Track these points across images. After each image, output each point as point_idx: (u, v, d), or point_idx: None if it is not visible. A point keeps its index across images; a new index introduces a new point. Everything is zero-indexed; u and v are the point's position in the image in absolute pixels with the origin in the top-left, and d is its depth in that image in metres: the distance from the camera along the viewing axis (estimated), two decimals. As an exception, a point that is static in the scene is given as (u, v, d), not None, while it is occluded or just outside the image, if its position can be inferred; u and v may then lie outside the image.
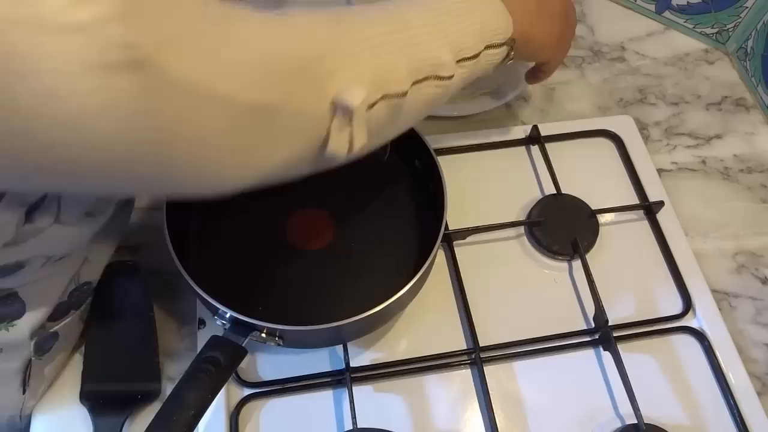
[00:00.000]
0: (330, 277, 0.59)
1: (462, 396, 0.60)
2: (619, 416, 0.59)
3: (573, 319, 0.64)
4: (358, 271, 0.60)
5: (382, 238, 0.62)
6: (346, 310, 0.51)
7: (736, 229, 0.71)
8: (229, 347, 0.51)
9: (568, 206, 0.69)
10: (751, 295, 0.67)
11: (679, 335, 0.63)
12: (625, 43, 0.85)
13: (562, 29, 0.59)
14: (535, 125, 0.73)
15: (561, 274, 0.67)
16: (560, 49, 0.61)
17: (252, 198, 0.40)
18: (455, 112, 0.74)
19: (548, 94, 0.80)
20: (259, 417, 0.58)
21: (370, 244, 0.61)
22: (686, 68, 0.83)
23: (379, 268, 0.60)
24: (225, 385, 0.51)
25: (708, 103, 0.80)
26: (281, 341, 0.53)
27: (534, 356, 0.61)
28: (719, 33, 0.84)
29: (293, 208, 0.62)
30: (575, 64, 0.83)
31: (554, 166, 0.71)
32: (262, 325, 0.51)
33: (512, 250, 0.68)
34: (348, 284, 0.59)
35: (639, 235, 0.69)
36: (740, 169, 0.75)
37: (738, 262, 0.69)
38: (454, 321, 0.63)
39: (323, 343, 0.60)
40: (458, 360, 0.61)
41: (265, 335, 0.52)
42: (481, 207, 0.68)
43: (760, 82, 0.79)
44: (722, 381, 0.60)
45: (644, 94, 0.81)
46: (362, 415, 0.56)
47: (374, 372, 0.59)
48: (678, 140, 0.77)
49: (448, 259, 0.66)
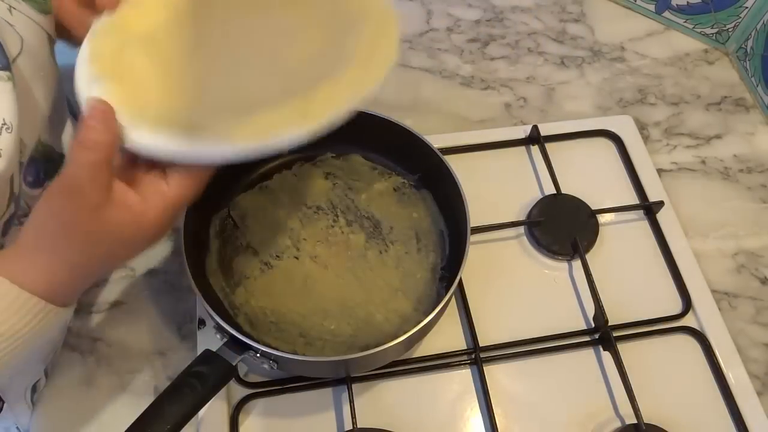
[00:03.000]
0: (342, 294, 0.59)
1: (462, 396, 0.60)
2: (619, 416, 0.59)
3: (573, 319, 0.64)
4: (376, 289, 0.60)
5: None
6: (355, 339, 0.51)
7: (736, 229, 0.71)
8: (220, 365, 0.50)
9: (568, 206, 0.69)
10: (750, 295, 0.67)
11: (679, 335, 0.63)
12: (624, 43, 0.85)
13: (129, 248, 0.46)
14: (535, 125, 0.73)
15: (561, 274, 0.67)
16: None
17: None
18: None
19: (548, 94, 0.80)
20: (259, 417, 0.58)
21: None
22: (686, 68, 0.83)
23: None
24: (225, 386, 0.51)
25: (708, 103, 0.80)
26: (275, 365, 0.52)
27: (534, 356, 0.61)
28: (719, 33, 0.84)
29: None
30: (575, 64, 0.83)
31: (554, 166, 0.71)
32: (257, 348, 0.51)
33: (512, 250, 0.68)
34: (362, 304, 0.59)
35: (639, 235, 0.69)
36: (740, 169, 0.75)
37: (738, 262, 0.69)
38: (454, 321, 0.63)
39: (321, 374, 0.59)
40: (458, 360, 0.61)
41: (259, 357, 0.52)
42: (481, 207, 0.67)
43: (760, 82, 0.79)
44: (722, 381, 0.60)
45: (644, 94, 0.81)
46: (362, 415, 0.56)
47: (374, 372, 0.59)
48: (678, 140, 0.77)
49: (448, 259, 0.66)
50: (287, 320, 0.57)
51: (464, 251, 0.55)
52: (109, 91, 0.44)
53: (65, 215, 0.41)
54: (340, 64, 0.45)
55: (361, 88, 0.43)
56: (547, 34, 0.86)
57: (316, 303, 0.58)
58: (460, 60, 0.83)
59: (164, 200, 0.44)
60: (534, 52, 0.84)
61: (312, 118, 0.41)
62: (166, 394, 0.47)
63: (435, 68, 0.82)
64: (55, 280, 0.41)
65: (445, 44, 0.84)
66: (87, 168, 0.40)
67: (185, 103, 0.45)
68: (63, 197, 0.41)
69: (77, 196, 0.41)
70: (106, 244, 0.43)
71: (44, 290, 0.40)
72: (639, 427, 0.56)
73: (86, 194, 0.41)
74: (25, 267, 0.40)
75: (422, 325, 0.52)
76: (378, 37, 0.46)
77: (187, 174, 0.44)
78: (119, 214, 0.42)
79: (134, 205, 0.43)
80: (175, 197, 0.44)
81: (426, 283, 0.60)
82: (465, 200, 0.57)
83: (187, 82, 0.47)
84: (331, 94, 0.42)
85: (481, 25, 0.86)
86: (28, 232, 0.41)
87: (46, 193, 0.42)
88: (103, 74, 0.45)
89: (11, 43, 0.48)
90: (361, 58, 0.45)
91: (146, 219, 0.43)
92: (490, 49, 0.84)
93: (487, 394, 0.58)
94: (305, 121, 0.41)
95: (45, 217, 0.41)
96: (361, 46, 0.46)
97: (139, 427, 0.46)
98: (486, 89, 0.80)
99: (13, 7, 0.50)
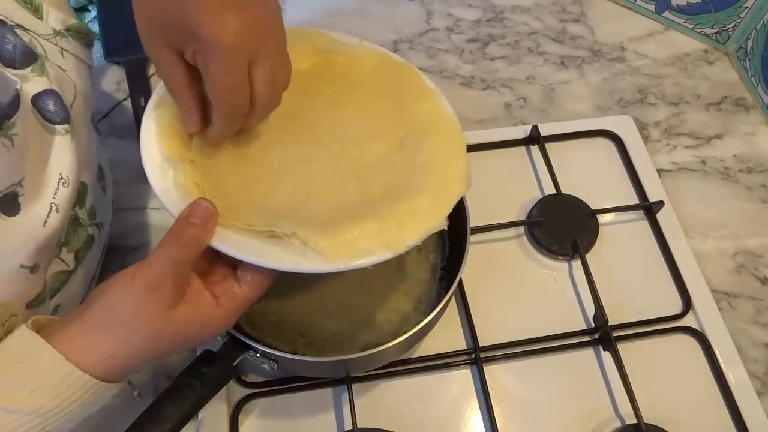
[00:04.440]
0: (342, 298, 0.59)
1: (462, 396, 0.60)
2: (619, 416, 0.59)
3: (573, 319, 0.64)
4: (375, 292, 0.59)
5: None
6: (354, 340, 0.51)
7: (736, 229, 0.71)
8: (220, 365, 0.50)
9: (568, 206, 0.69)
10: (750, 295, 0.67)
11: (679, 335, 0.63)
12: (624, 43, 0.85)
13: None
14: (535, 125, 0.73)
15: (561, 274, 0.67)
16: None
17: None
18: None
19: (548, 94, 0.80)
20: (259, 417, 0.58)
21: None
22: (686, 68, 0.83)
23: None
24: (225, 386, 0.51)
25: (708, 103, 0.80)
26: (275, 365, 0.53)
27: (534, 356, 0.61)
28: (719, 33, 0.84)
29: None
30: (575, 64, 0.83)
31: (554, 166, 0.71)
32: (257, 348, 0.51)
33: (512, 250, 0.68)
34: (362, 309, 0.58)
35: (639, 235, 0.69)
36: (740, 169, 0.75)
37: (738, 262, 0.69)
38: (454, 321, 0.63)
39: (321, 374, 0.59)
40: (458, 360, 0.61)
41: (259, 357, 0.52)
42: (481, 207, 0.67)
43: (760, 82, 0.79)
44: (722, 381, 0.60)
45: (644, 94, 0.81)
46: (362, 415, 0.56)
47: (374, 372, 0.59)
48: (678, 140, 0.77)
49: (448, 259, 0.66)
50: (287, 320, 0.57)
51: (464, 251, 0.55)
52: (193, 178, 0.44)
53: (138, 309, 0.40)
54: (415, 179, 0.46)
55: (438, 217, 0.45)
56: (547, 34, 0.86)
57: (316, 303, 0.58)
58: (460, 60, 0.83)
59: (235, 301, 0.43)
60: (534, 52, 0.84)
61: (395, 249, 0.43)
62: (166, 394, 0.47)
63: (435, 68, 0.82)
64: (113, 364, 0.40)
65: (445, 44, 0.84)
66: (175, 263, 0.40)
67: (263, 200, 0.45)
68: (141, 290, 0.40)
69: (158, 292, 0.40)
70: (171, 343, 0.42)
71: (100, 371, 0.40)
72: (639, 427, 0.56)
73: (166, 291, 0.40)
74: (85, 347, 0.40)
75: (422, 325, 0.52)
76: (449, 156, 0.48)
77: (259, 276, 0.44)
78: (191, 315, 0.42)
79: (206, 306, 0.42)
80: (245, 298, 0.44)
81: (426, 283, 0.60)
82: (465, 200, 0.57)
83: (260, 176, 0.47)
84: (411, 224, 0.44)
85: (481, 25, 0.86)
86: (96, 311, 0.40)
87: (125, 275, 0.41)
88: (179, 156, 0.45)
89: (68, 91, 0.49)
90: (436, 185, 0.46)
91: (215, 320, 0.43)
92: (490, 49, 0.84)
93: (487, 394, 0.58)
94: (389, 249, 0.42)
95: (117, 301, 0.41)
96: (434, 168, 0.47)
97: (139, 427, 0.46)
98: (486, 89, 0.80)
99: (65, 49, 0.50)
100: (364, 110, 0.51)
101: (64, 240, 0.50)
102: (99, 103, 0.75)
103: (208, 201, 0.42)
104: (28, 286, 0.45)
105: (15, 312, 0.44)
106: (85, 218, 0.53)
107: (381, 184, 0.47)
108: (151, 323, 0.40)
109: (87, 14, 0.82)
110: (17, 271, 0.43)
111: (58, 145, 0.46)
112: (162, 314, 0.40)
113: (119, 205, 0.66)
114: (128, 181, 0.69)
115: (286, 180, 0.47)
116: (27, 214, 0.44)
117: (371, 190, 0.46)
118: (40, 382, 0.38)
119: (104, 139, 0.73)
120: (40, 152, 0.45)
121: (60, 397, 0.38)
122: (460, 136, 0.49)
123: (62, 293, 0.50)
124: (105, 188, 0.60)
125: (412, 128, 0.50)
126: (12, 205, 0.43)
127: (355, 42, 0.53)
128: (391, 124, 0.50)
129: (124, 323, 0.40)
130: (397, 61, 0.53)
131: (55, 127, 0.46)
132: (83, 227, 0.52)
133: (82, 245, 0.52)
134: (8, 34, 0.44)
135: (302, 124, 0.49)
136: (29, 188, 0.44)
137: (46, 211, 0.45)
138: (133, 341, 0.40)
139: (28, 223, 0.44)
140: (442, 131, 0.49)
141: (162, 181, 0.44)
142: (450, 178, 0.47)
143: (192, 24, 0.39)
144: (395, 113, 0.50)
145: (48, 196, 0.45)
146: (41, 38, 0.48)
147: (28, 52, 0.45)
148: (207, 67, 0.41)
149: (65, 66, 0.49)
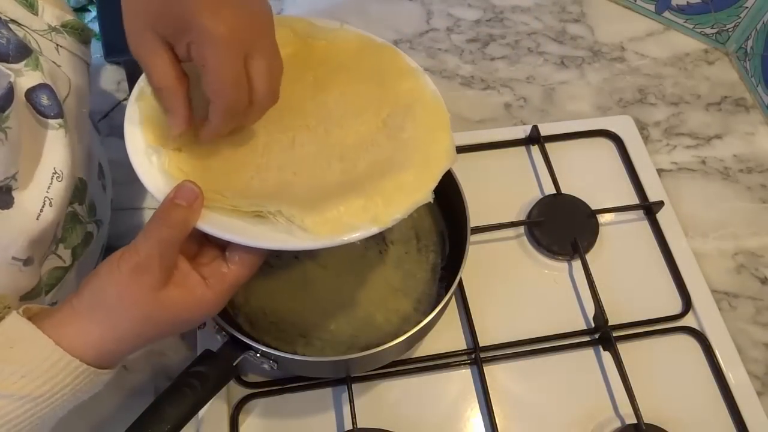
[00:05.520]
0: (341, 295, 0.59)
1: (462, 396, 0.60)
2: (619, 416, 0.59)
3: (573, 319, 0.64)
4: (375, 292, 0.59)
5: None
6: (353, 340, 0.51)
7: (736, 229, 0.71)
8: (220, 365, 0.50)
9: (568, 206, 0.69)
10: (750, 295, 0.67)
11: (679, 335, 0.63)
12: (624, 43, 0.85)
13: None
14: (535, 125, 0.73)
15: (561, 274, 0.67)
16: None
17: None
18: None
19: (548, 94, 0.80)
20: (259, 417, 0.58)
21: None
22: (686, 68, 0.83)
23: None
24: (225, 386, 0.51)
25: (708, 103, 0.80)
26: (275, 365, 0.53)
27: (534, 356, 0.61)
28: (719, 33, 0.84)
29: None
30: (575, 64, 0.83)
31: (554, 166, 0.71)
32: (257, 347, 0.51)
33: (512, 250, 0.68)
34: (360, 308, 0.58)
35: (639, 235, 0.69)
36: (740, 169, 0.75)
37: (738, 262, 0.69)
38: (454, 321, 0.63)
39: (321, 374, 0.59)
40: (458, 360, 0.61)
41: (259, 357, 0.52)
42: (481, 207, 0.67)
43: (760, 82, 0.79)
44: (722, 381, 0.60)
45: (644, 94, 0.81)
46: (362, 415, 0.56)
47: (374, 372, 0.59)
48: (678, 140, 0.77)
49: (448, 259, 0.66)
50: (287, 320, 0.57)
51: (464, 251, 0.55)
52: (177, 163, 0.44)
53: (126, 292, 0.40)
54: (400, 156, 0.46)
55: (423, 191, 0.44)
56: (547, 34, 0.86)
57: (316, 303, 0.58)
58: (460, 60, 0.83)
59: (224, 282, 0.43)
60: (534, 52, 0.84)
61: (381, 222, 0.42)
62: (165, 394, 0.47)
63: (435, 68, 0.82)
64: (103, 348, 0.40)
65: (445, 44, 0.84)
66: (161, 245, 0.40)
67: (249, 183, 0.45)
68: (127, 272, 0.40)
69: (144, 274, 0.40)
70: (161, 325, 0.42)
71: (91, 356, 0.40)
72: (639, 427, 0.56)
73: (153, 273, 0.40)
74: (75, 332, 0.40)
75: (422, 325, 0.52)
76: (432, 132, 0.48)
77: (247, 255, 0.43)
78: (179, 297, 0.41)
79: (195, 287, 0.42)
80: (235, 278, 0.43)
81: (426, 283, 0.60)
82: (465, 200, 0.57)
83: (245, 160, 0.46)
84: (397, 199, 0.44)
85: (481, 25, 0.86)
86: (84, 297, 0.41)
87: (111, 260, 0.41)
88: (162, 143, 0.44)
89: (62, 86, 0.48)
90: (421, 160, 0.46)
91: (204, 301, 0.43)
92: (490, 49, 0.84)
93: (487, 394, 0.58)
94: (375, 224, 0.42)
95: (105, 286, 0.41)
96: (419, 144, 0.47)
97: (138, 427, 0.46)
98: (486, 89, 0.80)
99: (60, 45, 0.50)
100: (347, 93, 0.51)
101: (62, 236, 0.49)
102: (99, 103, 0.75)
103: (193, 183, 0.42)
104: (22, 279, 0.45)
105: (8, 304, 0.43)
106: (84, 215, 0.53)
107: (366, 163, 0.46)
108: (138, 305, 0.40)
109: (87, 14, 0.82)
110: (10, 263, 0.43)
111: (52, 139, 0.46)
112: (149, 296, 0.40)
113: (118, 206, 0.67)
114: (128, 181, 0.69)
115: (271, 163, 0.47)
116: (20, 207, 0.43)
117: (356, 169, 0.46)
118: (31, 367, 0.38)
119: (104, 139, 0.73)
120: (34, 146, 0.45)
121: (50, 382, 0.38)
122: (444, 112, 0.49)
123: (58, 290, 0.50)
124: (105, 187, 0.60)
125: (396, 107, 0.49)
126: (5, 198, 0.43)
127: (335, 26, 0.53)
128: (375, 105, 0.50)
129: (112, 307, 0.40)
130: (378, 42, 0.53)
131: (48, 122, 0.46)
132: (82, 224, 0.52)
133: (80, 242, 0.52)
134: (2, 29, 0.44)
135: (286, 109, 0.48)
136: (22, 182, 0.44)
137: (40, 205, 0.45)
138: (122, 325, 0.40)
139: (21, 217, 0.44)
140: (425, 108, 0.49)
141: (147, 167, 0.44)
142: (434, 154, 0.46)
143: (189, 14, 0.39)
144: (378, 94, 0.50)
145: (41, 189, 0.45)
146: (36, 33, 0.48)
147: (22, 47, 0.45)
148: (205, 60, 0.40)
149: (60, 62, 0.49)
